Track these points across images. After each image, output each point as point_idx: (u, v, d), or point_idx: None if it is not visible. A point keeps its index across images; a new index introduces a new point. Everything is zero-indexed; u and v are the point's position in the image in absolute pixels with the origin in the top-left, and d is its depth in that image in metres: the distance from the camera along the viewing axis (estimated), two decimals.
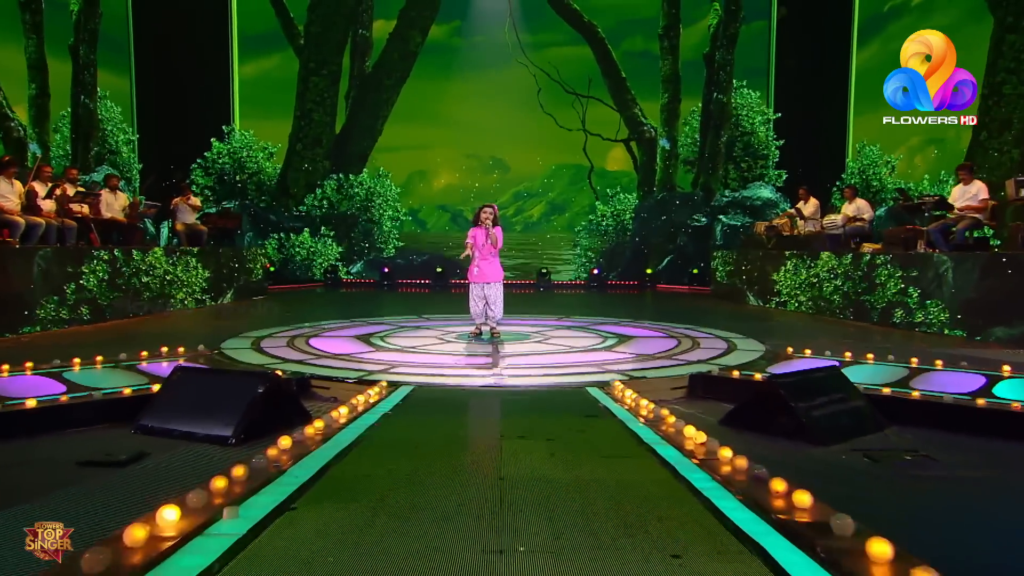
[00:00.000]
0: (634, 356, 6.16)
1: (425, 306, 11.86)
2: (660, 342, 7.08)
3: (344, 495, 2.68)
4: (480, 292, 7.36)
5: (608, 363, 5.78)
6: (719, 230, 17.23)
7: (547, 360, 5.98)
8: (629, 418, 3.98)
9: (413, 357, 6.07)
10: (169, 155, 16.94)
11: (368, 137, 19.08)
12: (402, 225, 19.40)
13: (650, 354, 6.26)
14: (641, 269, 18.01)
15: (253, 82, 18.77)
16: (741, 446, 3.23)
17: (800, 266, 10.97)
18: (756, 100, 18.13)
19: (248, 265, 13.15)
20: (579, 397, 4.63)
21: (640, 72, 19.05)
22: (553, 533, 2.31)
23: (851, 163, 17.05)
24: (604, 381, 4.99)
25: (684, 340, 7.13)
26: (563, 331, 8.02)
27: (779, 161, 18.13)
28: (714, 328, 8.27)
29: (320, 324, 8.49)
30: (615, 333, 7.74)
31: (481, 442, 3.69)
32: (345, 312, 10.68)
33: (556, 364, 5.77)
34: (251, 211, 17.70)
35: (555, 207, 20.61)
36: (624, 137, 19.35)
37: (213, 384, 4.14)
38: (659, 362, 5.87)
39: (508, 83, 19.33)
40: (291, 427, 3.84)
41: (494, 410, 4.33)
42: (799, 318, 10.26)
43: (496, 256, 7.35)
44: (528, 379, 5.16)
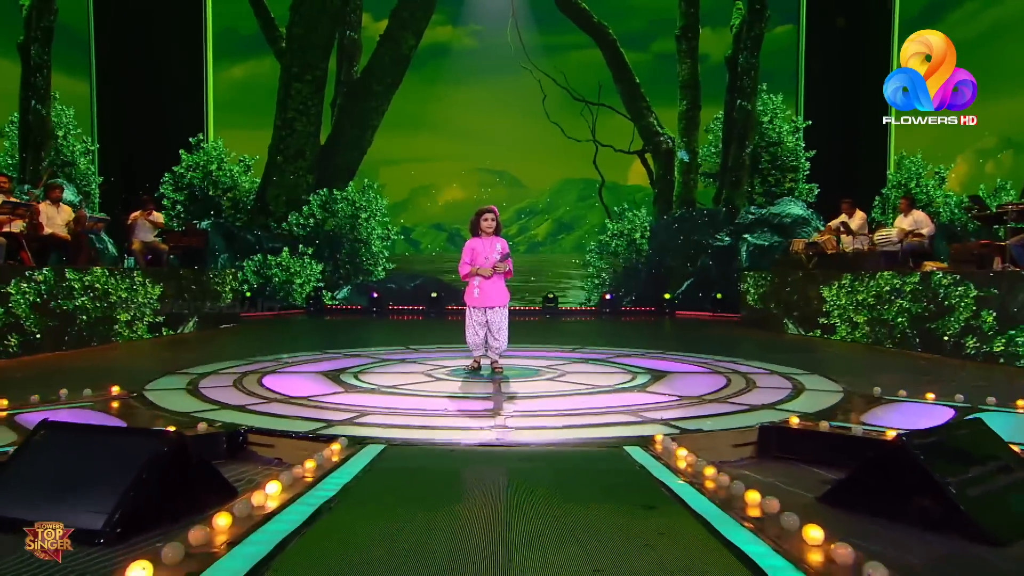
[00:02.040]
0: (676, 399, 5.00)
1: (416, 336, 10.98)
2: (704, 379, 5.94)
3: None
4: (480, 318, 6.23)
5: (646, 408, 4.63)
6: (744, 251, 16.52)
7: (565, 404, 4.83)
8: (696, 499, 2.82)
9: (391, 401, 4.92)
10: (133, 167, 16.13)
11: (356, 149, 18.44)
12: (393, 245, 18.60)
13: (696, 396, 5.11)
14: (658, 294, 17.35)
15: (229, 88, 18.14)
16: (865, 540, 2.10)
17: (857, 287, 9.86)
18: (783, 107, 17.43)
19: (215, 289, 12.15)
20: (616, 462, 3.47)
21: (656, 77, 18.46)
22: None
23: (892, 175, 16.10)
24: (646, 436, 3.84)
25: (734, 378, 5.97)
26: (579, 365, 6.90)
27: (810, 174, 17.39)
28: (761, 361, 7.13)
29: (284, 357, 7.35)
30: (644, 368, 6.61)
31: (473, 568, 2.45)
32: (322, 342, 9.66)
33: (577, 410, 4.62)
34: (226, 230, 16.85)
35: (562, 225, 19.96)
36: (638, 148, 18.83)
37: (86, 448, 2.97)
38: (711, 407, 4.71)
39: (510, 89, 18.75)
40: (200, 509, 2.74)
41: (495, 488, 3.15)
42: (853, 349, 9.17)
43: (500, 275, 6.24)
44: (542, 433, 4.01)
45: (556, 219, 20.00)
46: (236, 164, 17.58)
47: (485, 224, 6.18)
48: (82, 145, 15.08)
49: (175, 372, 6.17)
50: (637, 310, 17.39)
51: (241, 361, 6.98)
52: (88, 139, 15.46)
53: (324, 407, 4.67)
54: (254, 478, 3.47)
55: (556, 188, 20.01)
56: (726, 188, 17.60)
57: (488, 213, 6.20)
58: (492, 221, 6.18)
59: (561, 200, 19.99)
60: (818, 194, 17.11)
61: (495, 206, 6.31)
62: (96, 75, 15.75)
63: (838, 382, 5.71)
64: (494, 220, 6.20)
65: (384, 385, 5.56)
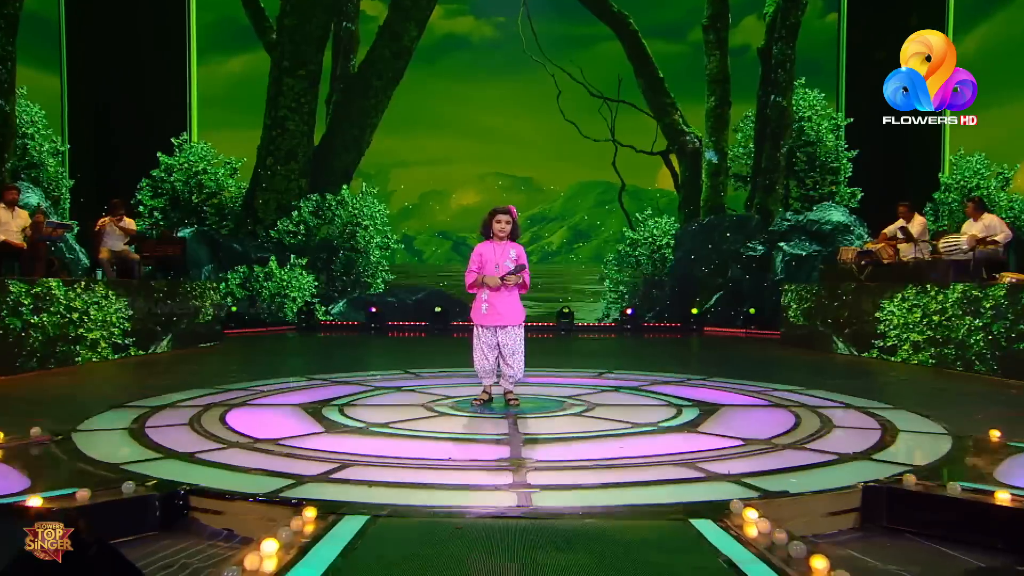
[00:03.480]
0: (740, 443, 4.18)
1: (417, 356, 10.42)
2: (765, 416, 5.14)
3: None
4: (490, 339, 5.45)
5: (705, 458, 3.82)
6: (780, 261, 16.01)
7: (601, 450, 4.03)
8: None
9: (381, 445, 4.14)
10: (109, 170, 15.70)
11: (353, 150, 18.22)
12: (393, 255, 18.30)
13: (764, 440, 4.29)
14: (684, 308, 16.84)
15: (214, 84, 17.86)
16: None
17: (922, 302, 9.04)
18: (823, 103, 17.00)
19: (194, 304, 11.53)
20: (683, 543, 2.66)
21: (681, 71, 18.30)
22: None
23: (945, 177, 15.36)
24: (718, 502, 3.03)
25: (803, 413, 5.15)
26: (610, 395, 6.12)
27: (852, 176, 16.98)
28: (822, 389, 6.33)
29: (258, 385, 6.59)
30: (689, 399, 5.80)
31: None
32: (310, 365, 9.03)
33: (619, 459, 3.81)
34: (210, 239, 16.42)
35: (578, 233, 19.85)
36: (662, 149, 18.57)
37: None
38: (786, 456, 3.90)
39: (521, 85, 18.59)
40: None
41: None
42: (919, 373, 8.40)
43: (515, 287, 5.47)
44: (577, 494, 3.20)
45: (571, 226, 19.97)
46: (222, 167, 17.21)
47: (498, 227, 5.42)
48: (51, 145, 14.53)
49: (125, 405, 5.39)
50: (661, 326, 16.98)
51: (209, 390, 6.21)
52: (58, 139, 14.91)
53: (296, 454, 3.88)
54: (189, 562, 2.70)
55: (571, 193, 19.99)
56: (759, 192, 17.23)
57: (503, 214, 5.44)
58: (507, 224, 5.41)
59: (577, 206, 19.93)
60: (861, 198, 16.68)
61: (513, 206, 5.54)
62: (67, 69, 15.28)
63: (934, 420, 4.88)
64: (510, 223, 5.43)
65: (374, 423, 4.78)
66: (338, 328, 16.67)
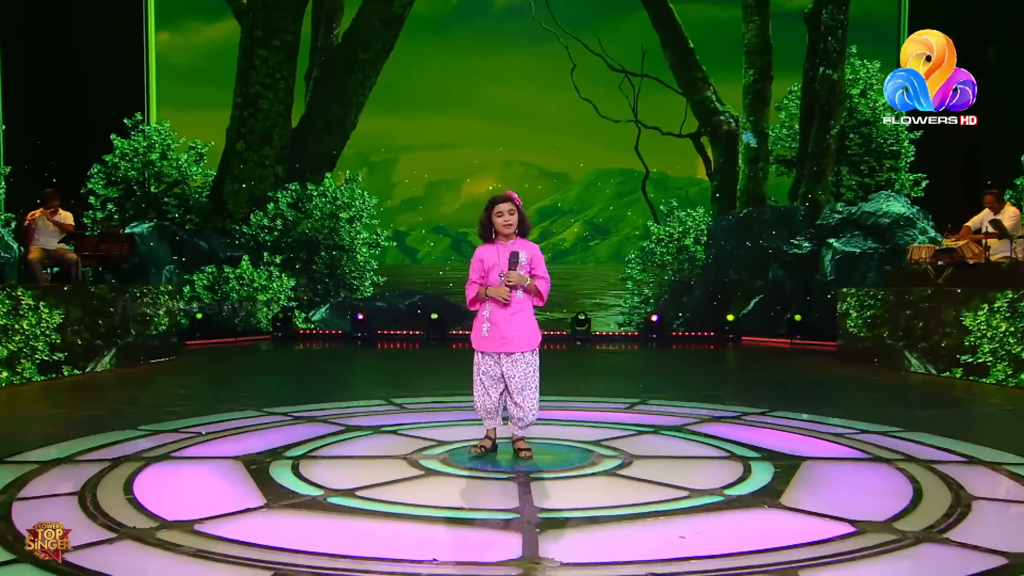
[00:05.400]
0: (851, 532, 3.23)
1: (409, 376, 10.04)
2: (866, 477, 4.27)
3: None
4: (492, 369, 4.54)
5: (808, 562, 2.84)
6: (829, 260, 15.85)
7: (654, 542, 3.08)
8: None
9: (336, 532, 3.22)
10: (52, 155, 15.25)
11: (337, 132, 17.96)
12: (384, 254, 18.24)
13: (880, 523, 3.33)
14: (718, 315, 16.77)
15: (176, 57, 17.77)
16: None
17: None
18: (880, 76, 16.63)
19: (144, 312, 10.98)
20: None
21: (715, 41, 18.02)
22: None
23: None
24: None
25: (919, 475, 4.18)
26: (649, 438, 5.24)
27: (915, 161, 16.81)
28: (921, 431, 5.42)
29: (199, 424, 5.71)
30: (754, 447, 4.88)
31: None
32: (276, 389, 8.43)
33: (682, 559, 2.84)
34: (172, 235, 16.28)
35: (596, 228, 19.84)
36: (692, 131, 18.38)
37: None
38: (925, 558, 2.96)
39: (528, 57, 18.60)
40: None
41: None
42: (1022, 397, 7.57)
43: (525, 298, 4.59)
44: None
45: (587, 220, 19.85)
46: (185, 152, 17.09)
47: (500, 221, 4.48)
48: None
49: (3, 460, 4.44)
50: (691, 336, 16.96)
51: (131, 433, 5.28)
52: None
53: (210, 554, 2.92)
54: None
55: (587, 181, 19.85)
56: (805, 180, 17.10)
57: (502, 202, 4.50)
58: (510, 214, 4.48)
59: (594, 197, 19.77)
60: (926, 186, 16.45)
61: (514, 192, 4.62)
62: (1, 38, 14.79)
63: None
64: (513, 211, 4.50)
65: (335, 488, 3.85)
66: (319, 338, 16.51)
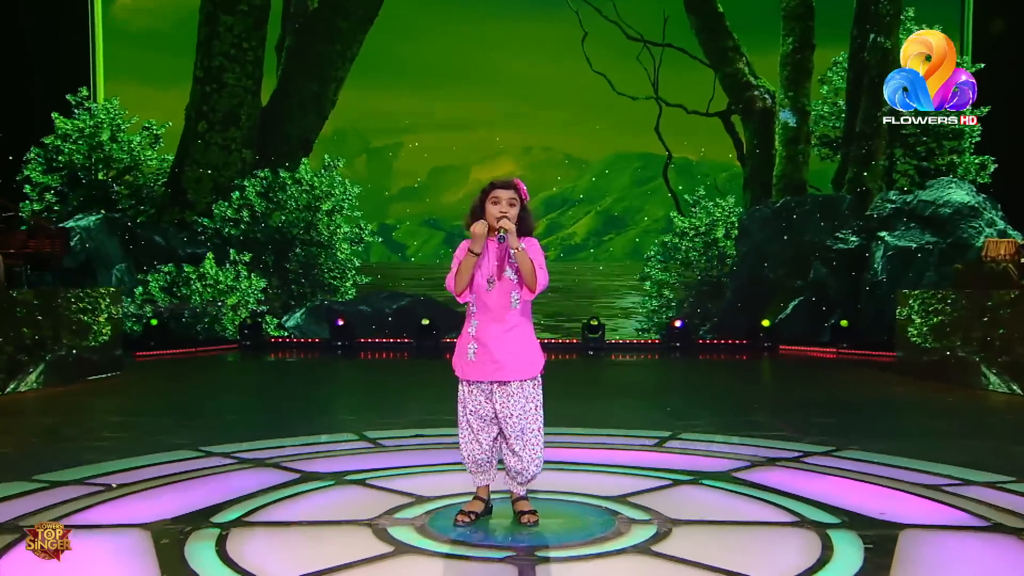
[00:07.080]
0: None
1: (390, 395, 9.94)
2: (989, 557, 3.61)
3: None
4: (482, 406, 3.92)
5: None
6: (880, 256, 15.57)
7: None
8: None
9: None
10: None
11: (312, 111, 18.11)
12: (368, 251, 18.33)
13: None
14: (752, 320, 16.44)
15: (126, 23, 18.14)
16: None
17: None
18: None
19: (80, 319, 10.77)
20: None
21: (748, 5, 18.19)
22: None
23: None
24: None
25: None
26: (689, 492, 4.56)
27: (981, 142, 16.63)
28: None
29: (117, 470, 5.12)
30: (830, 506, 4.23)
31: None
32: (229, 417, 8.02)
33: None
34: (123, 228, 16.11)
35: (610, 221, 19.95)
36: (721, 109, 18.46)
37: None
38: None
39: (532, 24, 18.80)
40: None
41: None
42: None
43: (524, 309, 3.91)
44: None
45: (601, 212, 20.10)
46: (138, 133, 17.09)
47: (496, 211, 3.83)
48: None
49: None
50: (721, 344, 16.64)
51: (22, 486, 4.62)
52: None
53: None
54: None
55: (601, 167, 20.07)
56: (852, 164, 17.05)
57: (502, 188, 3.83)
58: (510, 205, 3.84)
59: (609, 184, 20.04)
60: (994, 171, 16.25)
61: (518, 179, 3.99)
62: None
63: None
64: (515, 203, 3.85)
65: None
66: (294, 347, 16.39)
